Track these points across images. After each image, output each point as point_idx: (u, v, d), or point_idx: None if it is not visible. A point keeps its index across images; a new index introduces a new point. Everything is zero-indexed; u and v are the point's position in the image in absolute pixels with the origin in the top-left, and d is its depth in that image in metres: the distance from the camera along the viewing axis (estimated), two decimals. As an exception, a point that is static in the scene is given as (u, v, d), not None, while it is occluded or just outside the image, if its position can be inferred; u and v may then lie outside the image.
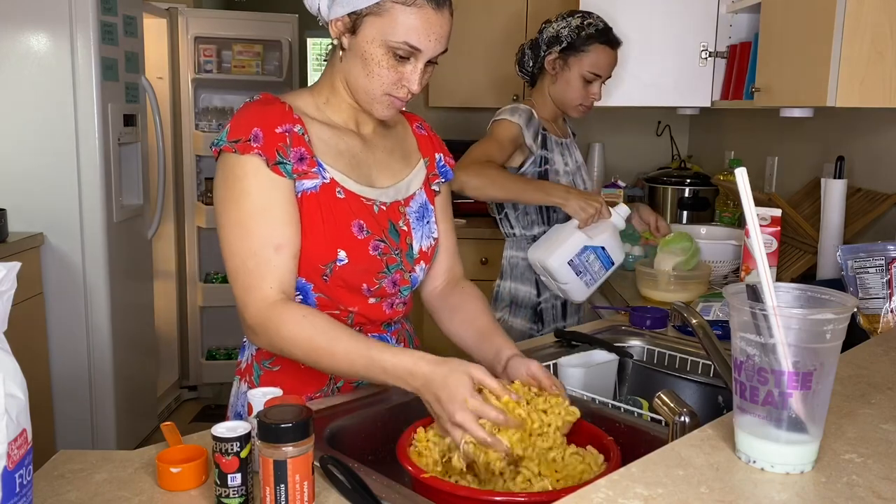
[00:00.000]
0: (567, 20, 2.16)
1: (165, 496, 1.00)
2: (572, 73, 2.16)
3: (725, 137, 3.52)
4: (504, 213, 2.26)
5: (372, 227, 1.30)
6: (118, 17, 3.16)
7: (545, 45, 2.19)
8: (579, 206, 1.98)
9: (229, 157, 1.23)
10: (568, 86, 2.17)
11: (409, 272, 1.37)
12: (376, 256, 1.30)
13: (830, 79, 1.64)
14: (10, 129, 2.96)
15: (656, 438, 1.18)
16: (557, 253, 1.98)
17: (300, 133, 1.24)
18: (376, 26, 1.20)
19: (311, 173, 1.25)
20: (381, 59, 1.21)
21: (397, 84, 1.24)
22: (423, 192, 1.42)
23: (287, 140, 1.23)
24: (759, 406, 0.81)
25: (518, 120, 2.14)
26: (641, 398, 1.42)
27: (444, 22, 1.22)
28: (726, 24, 2.70)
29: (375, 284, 1.32)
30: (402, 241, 1.35)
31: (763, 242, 0.84)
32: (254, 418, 0.99)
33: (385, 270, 1.32)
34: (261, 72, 4.13)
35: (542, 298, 2.24)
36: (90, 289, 3.08)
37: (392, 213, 1.35)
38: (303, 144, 1.24)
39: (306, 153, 1.24)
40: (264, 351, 1.35)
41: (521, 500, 1.00)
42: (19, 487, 0.75)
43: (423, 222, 1.40)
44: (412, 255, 1.37)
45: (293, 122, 1.24)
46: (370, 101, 1.27)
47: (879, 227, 2.12)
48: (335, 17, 1.23)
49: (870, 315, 1.50)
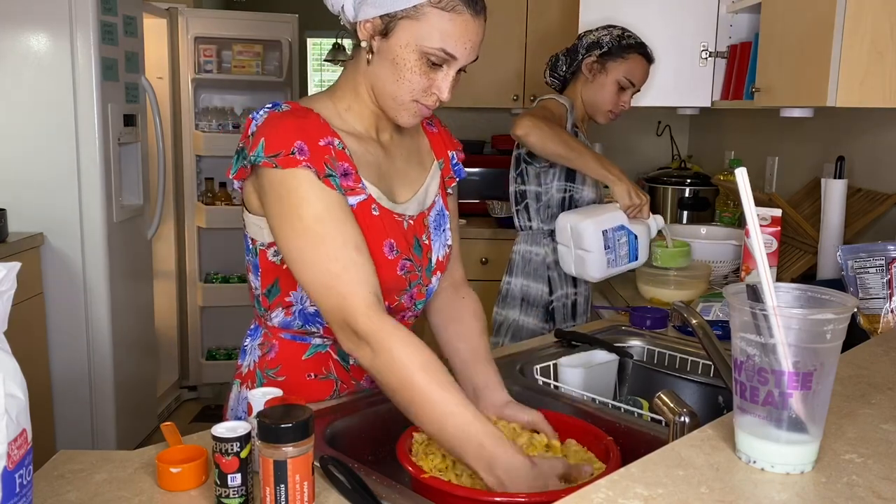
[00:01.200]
0: (609, 30, 2.25)
1: (165, 496, 1.00)
2: (608, 78, 2.22)
3: (725, 137, 3.52)
4: (524, 204, 2.27)
5: (401, 247, 1.25)
6: (118, 17, 3.16)
7: (584, 49, 2.25)
8: (628, 192, 2.03)
9: (272, 172, 1.14)
10: (602, 89, 2.23)
11: (427, 285, 1.32)
12: (402, 276, 1.25)
13: (830, 79, 1.64)
14: (10, 129, 2.96)
15: (656, 438, 1.18)
16: (595, 218, 2.01)
17: (340, 147, 1.18)
18: (411, 30, 1.13)
19: (357, 189, 1.19)
20: (413, 64, 1.15)
21: (427, 91, 1.18)
22: (439, 198, 1.36)
23: (332, 153, 1.16)
24: (760, 406, 0.80)
25: (565, 102, 2.21)
26: (641, 398, 1.42)
27: (479, 30, 1.18)
28: (726, 24, 2.70)
29: (395, 301, 1.28)
30: (424, 255, 1.31)
31: (763, 242, 0.84)
32: (254, 418, 0.99)
33: (407, 288, 1.28)
34: (261, 72, 4.13)
35: (554, 297, 2.24)
36: (90, 289, 3.08)
37: (418, 228, 1.30)
38: (346, 159, 1.18)
39: (350, 168, 1.19)
40: (268, 358, 1.31)
41: (521, 500, 1.00)
42: (19, 487, 0.75)
43: (440, 231, 1.35)
44: (430, 268, 1.33)
45: (332, 136, 1.18)
46: (396, 108, 1.21)
47: (879, 227, 2.12)
48: (364, 19, 1.16)
49: (870, 315, 1.50)
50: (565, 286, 2.25)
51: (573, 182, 2.22)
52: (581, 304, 2.29)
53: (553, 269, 2.23)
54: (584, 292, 2.31)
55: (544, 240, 2.21)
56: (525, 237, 2.29)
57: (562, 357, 1.53)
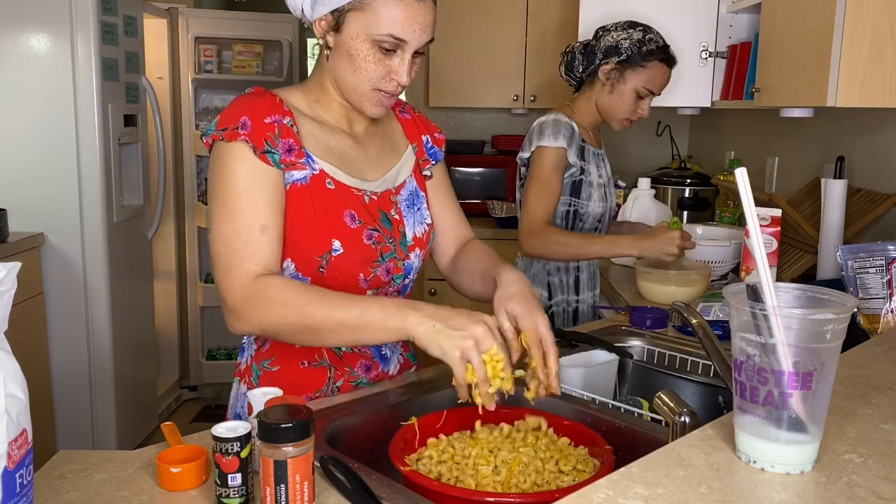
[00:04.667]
0: (628, 31, 2.11)
1: (165, 496, 1.00)
2: (627, 87, 2.11)
3: (725, 137, 3.52)
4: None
5: (363, 217, 1.30)
6: (118, 18, 3.17)
7: (602, 54, 2.12)
8: (661, 252, 2.02)
9: (217, 145, 1.24)
10: (620, 98, 2.12)
11: (403, 260, 1.37)
12: (370, 245, 1.30)
13: (830, 79, 1.64)
14: (11, 129, 2.96)
15: (656, 438, 1.18)
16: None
17: (289, 125, 1.25)
18: (360, 21, 1.19)
19: (299, 164, 1.25)
20: (367, 54, 1.21)
21: (385, 78, 1.24)
22: (412, 179, 1.42)
23: (276, 130, 1.23)
24: (760, 406, 0.81)
25: (562, 143, 2.08)
26: (641, 398, 1.42)
27: (427, 11, 1.21)
28: (726, 24, 2.70)
29: (371, 273, 1.32)
30: (395, 229, 1.35)
31: (763, 242, 0.84)
32: (254, 418, 0.99)
33: (379, 259, 1.32)
34: (261, 72, 4.14)
35: (553, 302, 2.22)
36: (90, 289, 3.08)
37: (383, 203, 1.35)
38: (291, 136, 1.24)
39: (294, 144, 1.25)
40: (263, 350, 1.35)
41: (512, 500, 1.01)
42: (19, 487, 0.75)
43: (413, 209, 1.40)
44: (405, 242, 1.37)
45: (283, 114, 1.25)
46: (360, 99, 1.27)
47: (879, 227, 2.12)
48: (318, 17, 1.23)
49: (870, 315, 1.50)
50: (567, 293, 2.22)
51: (577, 197, 2.16)
52: (585, 311, 2.25)
53: (554, 276, 2.21)
54: (589, 299, 2.27)
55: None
56: None
57: (562, 357, 1.53)
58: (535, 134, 2.12)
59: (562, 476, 1.07)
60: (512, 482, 1.05)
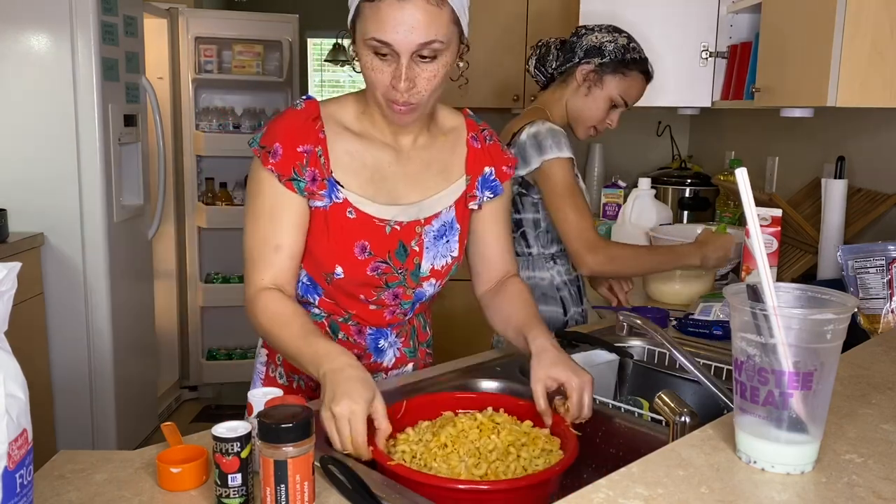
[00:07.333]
0: (613, 35, 1.99)
1: (166, 496, 1.00)
2: (604, 93, 1.97)
3: (726, 137, 3.52)
4: (521, 232, 2.04)
5: (376, 249, 1.31)
6: (118, 18, 3.17)
7: (583, 53, 1.98)
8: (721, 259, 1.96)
9: (255, 159, 1.30)
10: (594, 104, 1.98)
11: (414, 288, 1.37)
12: (374, 276, 1.33)
13: (830, 79, 1.64)
14: (11, 129, 2.96)
15: (656, 438, 1.18)
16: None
17: (318, 154, 1.28)
18: (358, 29, 1.20)
19: (318, 195, 1.29)
20: (367, 61, 1.20)
21: (392, 87, 1.20)
22: (451, 211, 1.37)
23: (304, 160, 1.27)
24: (760, 406, 0.81)
25: (568, 152, 1.91)
26: (642, 398, 1.42)
27: (414, 11, 1.13)
28: (727, 24, 2.70)
29: (374, 296, 1.36)
30: (409, 260, 1.34)
31: (763, 242, 0.84)
32: (254, 418, 0.99)
33: (383, 286, 1.35)
34: (261, 72, 4.13)
35: (568, 317, 2.08)
36: (90, 289, 3.08)
37: (405, 233, 1.33)
38: (318, 166, 1.28)
39: (319, 175, 1.28)
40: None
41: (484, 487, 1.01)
42: (20, 487, 0.75)
43: (441, 241, 1.37)
44: (418, 273, 1.36)
45: (316, 143, 1.28)
46: (382, 108, 1.26)
47: (880, 228, 2.12)
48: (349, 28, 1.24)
49: (870, 315, 1.50)
50: (578, 303, 2.11)
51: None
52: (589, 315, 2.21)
53: (563, 289, 2.07)
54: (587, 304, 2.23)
55: (547, 264, 2.02)
56: (526, 263, 2.07)
57: (562, 357, 1.53)
58: (533, 147, 1.90)
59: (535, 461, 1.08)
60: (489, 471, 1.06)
